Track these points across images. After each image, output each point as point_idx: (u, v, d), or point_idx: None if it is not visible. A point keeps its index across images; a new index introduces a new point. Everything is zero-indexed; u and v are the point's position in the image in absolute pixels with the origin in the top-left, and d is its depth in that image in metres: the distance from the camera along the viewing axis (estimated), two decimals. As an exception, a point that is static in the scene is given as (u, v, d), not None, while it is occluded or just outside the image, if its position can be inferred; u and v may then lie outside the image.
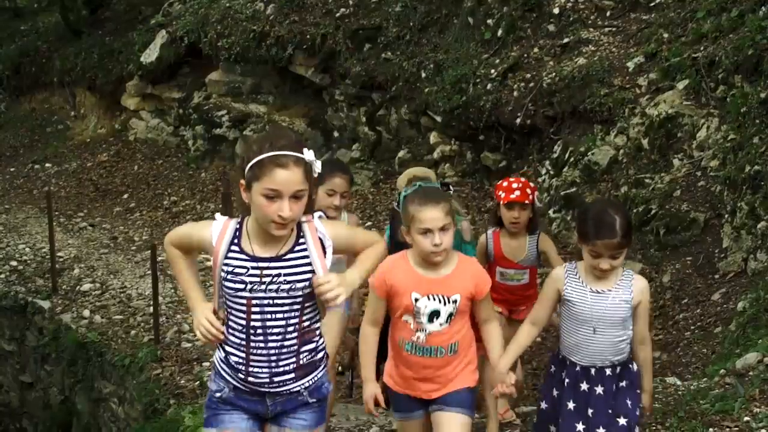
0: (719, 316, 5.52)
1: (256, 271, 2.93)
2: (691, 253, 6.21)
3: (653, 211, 6.51)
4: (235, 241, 2.99)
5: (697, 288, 5.93)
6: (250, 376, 2.97)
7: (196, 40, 11.65)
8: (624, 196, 6.80)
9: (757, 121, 6.19)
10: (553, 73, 8.02)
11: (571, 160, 7.45)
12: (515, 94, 8.23)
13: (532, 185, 4.83)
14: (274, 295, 2.94)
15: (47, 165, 12.58)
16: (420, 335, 3.50)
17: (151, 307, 7.51)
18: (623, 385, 3.50)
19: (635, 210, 6.58)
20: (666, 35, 7.65)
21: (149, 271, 7.83)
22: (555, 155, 7.73)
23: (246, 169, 2.89)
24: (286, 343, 2.97)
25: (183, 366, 6.97)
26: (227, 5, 11.64)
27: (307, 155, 2.89)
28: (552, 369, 3.65)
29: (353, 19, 10.41)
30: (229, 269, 2.97)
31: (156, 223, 10.45)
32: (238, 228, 3.01)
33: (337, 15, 10.55)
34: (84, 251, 9.68)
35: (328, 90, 10.65)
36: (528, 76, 8.28)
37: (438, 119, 8.93)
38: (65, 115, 13.82)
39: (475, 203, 8.40)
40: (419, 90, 9.20)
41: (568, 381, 3.55)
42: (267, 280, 2.94)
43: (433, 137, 9.12)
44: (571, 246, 7.14)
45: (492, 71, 8.55)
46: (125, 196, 11.29)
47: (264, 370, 2.96)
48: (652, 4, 8.28)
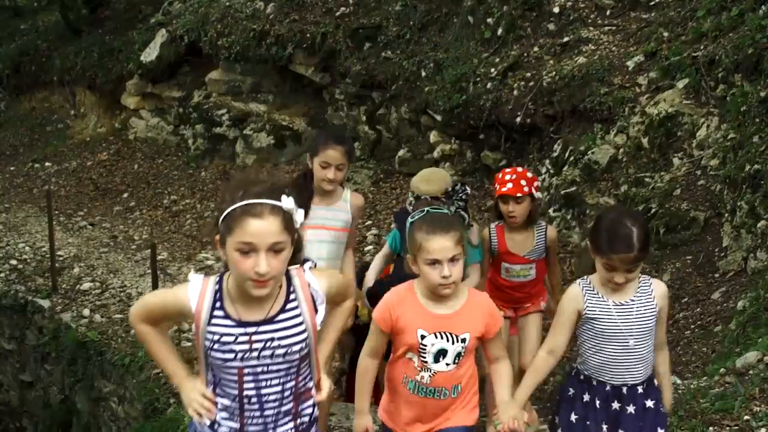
0: (719, 314, 5.52)
1: (244, 338, 2.64)
2: (691, 252, 6.21)
3: (653, 210, 6.51)
4: (218, 305, 2.66)
5: (697, 287, 5.93)
6: None
7: (196, 39, 11.65)
8: (624, 195, 6.80)
9: (757, 120, 6.19)
10: (553, 72, 8.02)
11: (571, 159, 7.45)
12: (515, 93, 8.23)
13: (529, 175, 4.61)
14: (268, 362, 2.67)
15: (47, 164, 12.57)
16: (424, 375, 3.26)
17: (151, 306, 7.50)
18: (650, 405, 3.33)
19: (635, 209, 6.58)
20: (666, 34, 7.64)
21: (149, 270, 7.83)
22: (555, 154, 7.73)
23: (220, 222, 2.60)
24: (283, 408, 2.74)
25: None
26: (227, 4, 11.64)
27: (285, 203, 2.58)
28: (570, 392, 3.40)
29: (353, 18, 10.41)
30: (215, 338, 2.65)
31: (156, 222, 10.45)
32: (218, 288, 2.68)
33: (337, 14, 10.55)
34: (84, 250, 9.68)
35: (328, 89, 10.65)
36: (528, 75, 8.28)
37: (438, 118, 8.93)
38: (65, 114, 13.81)
39: (476, 202, 8.40)
40: (419, 89, 9.20)
41: (599, 402, 3.32)
42: (259, 346, 2.66)
43: (433, 136, 9.12)
44: (571, 245, 7.14)
45: (492, 70, 8.55)
46: (125, 195, 11.29)
47: None
48: (652, 3, 8.28)
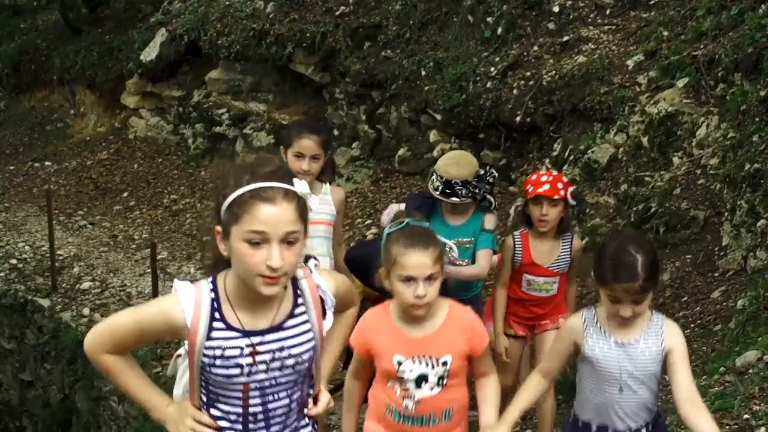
0: (719, 314, 5.52)
1: (250, 349, 2.29)
2: (691, 251, 6.21)
3: (653, 209, 6.51)
4: (217, 315, 2.28)
5: (697, 286, 5.93)
6: None
7: (195, 38, 11.65)
8: (624, 194, 6.80)
9: (757, 119, 6.19)
10: (553, 71, 8.02)
11: (571, 158, 7.45)
12: (515, 92, 8.23)
13: (565, 180, 4.36)
14: (277, 374, 2.34)
15: (47, 163, 12.57)
16: (408, 403, 3.00)
17: (151, 306, 7.51)
18: None
19: (635, 208, 6.58)
20: (666, 33, 7.64)
21: (149, 270, 7.84)
22: (555, 153, 7.73)
23: (221, 211, 2.23)
24: (289, 422, 2.45)
25: (183, 364, 6.97)
26: (227, 3, 11.63)
27: (299, 186, 2.26)
28: None
29: (353, 18, 10.41)
30: (217, 353, 2.28)
31: (156, 222, 10.45)
32: (213, 294, 2.30)
33: (337, 13, 10.55)
34: (84, 249, 9.68)
35: (327, 88, 10.65)
36: (528, 74, 8.28)
37: (438, 117, 8.93)
38: (65, 114, 13.81)
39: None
40: (419, 88, 9.20)
41: None
42: (267, 358, 2.32)
43: (433, 135, 9.12)
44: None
45: (492, 69, 8.55)
46: (125, 194, 11.29)
47: None
48: (651, 2, 8.28)
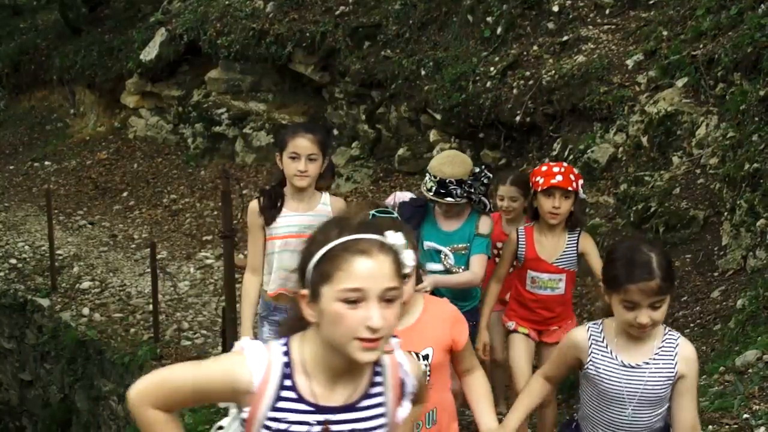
0: (718, 313, 5.52)
1: (321, 427, 2.01)
2: (691, 251, 6.21)
3: (652, 209, 6.51)
4: (287, 383, 2.00)
5: (697, 285, 5.93)
6: None
7: (195, 37, 11.65)
8: (623, 193, 6.80)
9: (756, 119, 6.19)
10: (553, 71, 8.02)
11: (571, 157, 7.44)
12: (515, 91, 8.23)
13: (576, 172, 4.17)
14: None
15: (46, 163, 12.57)
16: None
17: (151, 305, 7.52)
18: None
19: (635, 208, 6.58)
20: (665, 33, 7.64)
21: (148, 269, 7.83)
22: (554, 153, 7.73)
23: (308, 270, 1.98)
24: None
25: (183, 364, 6.97)
26: (226, 3, 11.64)
27: (393, 238, 2.01)
28: None
29: (353, 17, 10.41)
30: (281, 426, 2.00)
31: (155, 221, 10.45)
32: (286, 358, 2.02)
33: (337, 13, 10.55)
34: (83, 249, 9.68)
35: (327, 88, 10.65)
36: (527, 73, 8.28)
37: (438, 117, 8.93)
38: (64, 113, 13.81)
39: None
40: (419, 88, 9.20)
41: None
42: None
43: (433, 135, 9.12)
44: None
45: (491, 69, 8.55)
46: (125, 194, 11.29)
47: None
48: (651, 1, 8.28)
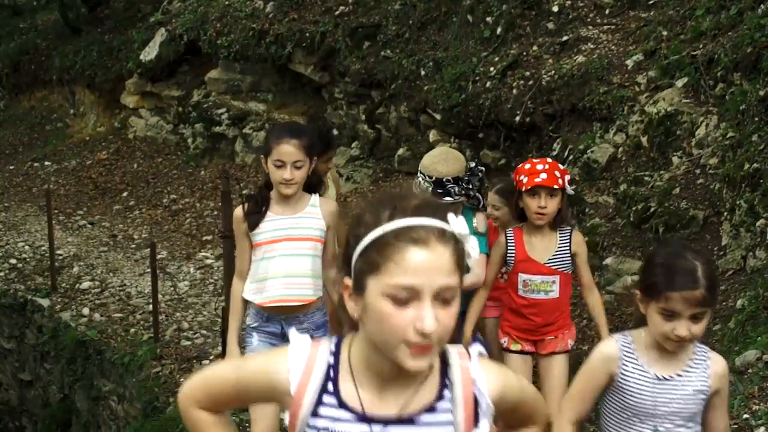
0: (718, 313, 5.52)
1: None
2: (690, 251, 6.21)
3: (652, 209, 6.51)
4: (330, 387, 1.77)
5: (696, 285, 5.92)
6: None
7: (195, 38, 11.65)
8: (623, 193, 6.80)
9: (756, 119, 6.19)
10: (552, 71, 8.02)
11: (570, 158, 7.45)
12: (514, 92, 8.23)
13: (561, 167, 3.98)
14: None
15: (46, 163, 12.57)
16: None
17: (151, 305, 7.51)
18: None
19: (634, 208, 6.58)
20: (665, 33, 7.64)
21: (148, 269, 7.83)
22: (554, 153, 7.73)
23: (354, 257, 1.71)
24: None
25: (182, 364, 6.97)
26: (226, 3, 11.64)
27: (456, 225, 1.71)
28: None
29: (352, 17, 10.41)
30: None
31: (155, 221, 10.45)
32: (333, 359, 1.79)
33: (337, 13, 10.55)
34: (83, 249, 9.68)
35: (327, 88, 10.65)
36: (527, 74, 8.28)
37: (437, 117, 8.93)
38: (64, 113, 13.81)
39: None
40: (418, 88, 9.20)
41: None
42: None
43: (433, 135, 9.12)
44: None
45: (491, 69, 8.55)
46: (124, 194, 11.29)
47: None
48: (651, 1, 8.28)
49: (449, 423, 1.76)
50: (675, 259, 2.50)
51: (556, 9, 8.68)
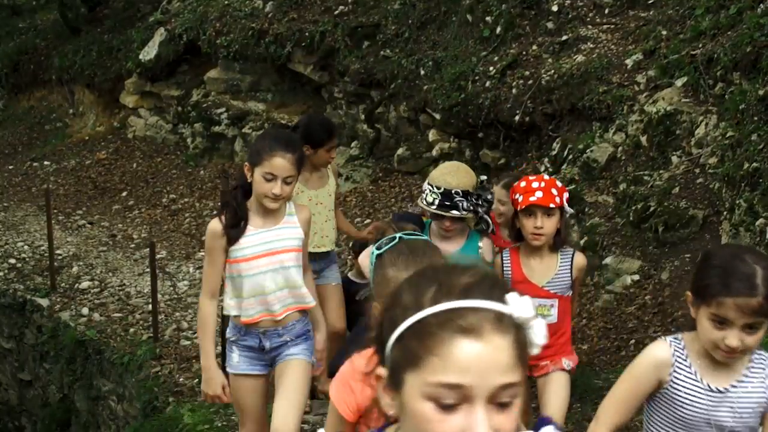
0: (718, 313, 5.53)
1: None
2: (690, 250, 6.21)
3: (652, 209, 6.51)
4: None
5: (696, 285, 5.92)
6: None
7: (194, 37, 11.64)
8: (623, 193, 6.80)
9: (756, 119, 6.19)
10: (552, 71, 8.02)
11: (570, 157, 7.45)
12: (514, 91, 8.23)
13: (559, 185, 3.76)
14: None
15: (46, 163, 12.56)
16: None
17: (150, 305, 7.51)
18: None
19: (634, 207, 6.59)
20: (664, 32, 7.64)
21: (148, 269, 7.83)
22: (554, 152, 7.73)
23: (389, 344, 1.41)
24: None
25: (182, 364, 6.97)
26: (226, 3, 11.63)
27: (517, 306, 1.38)
28: None
29: (352, 17, 10.40)
30: None
31: (155, 221, 10.44)
32: None
33: (336, 12, 10.54)
34: (83, 249, 9.67)
35: (326, 87, 10.65)
36: (527, 73, 8.28)
37: (437, 117, 8.93)
38: (64, 113, 13.80)
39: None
40: (418, 87, 9.20)
41: None
42: None
43: (432, 135, 9.12)
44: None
45: (491, 69, 8.55)
46: (124, 193, 11.28)
47: None
48: (650, 1, 8.28)
49: None
50: (733, 261, 2.27)
51: (555, 8, 8.68)
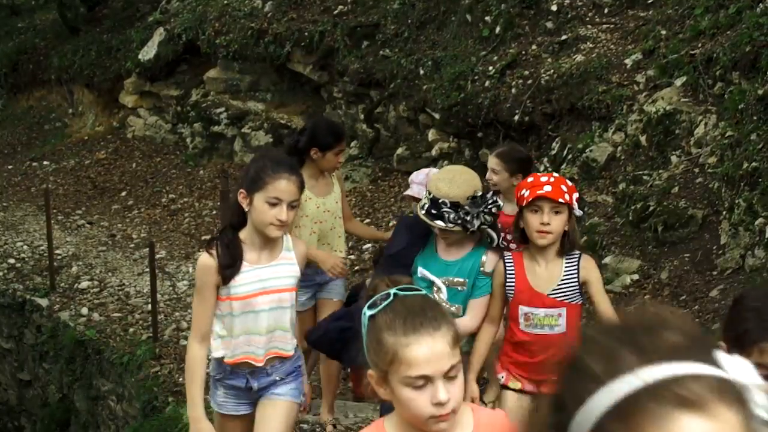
0: (717, 312, 5.52)
1: None
2: (689, 250, 6.21)
3: (651, 208, 6.51)
4: None
5: (695, 284, 5.93)
6: None
7: (194, 37, 11.64)
8: (622, 192, 6.80)
9: (755, 118, 6.19)
10: (551, 70, 8.02)
11: (569, 157, 7.45)
12: (513, 91, 8.23)
13: (569, 183, 3.45)
14: None
15: (45, 162, 12.56)
16: None
17: (150, 305, 7.51)
18: None
19: (633, 207, 6.59)
20: (664, 32, 7.65)
21: (147, 269, 7.84)
22: (553, 152, 7.74)
23: (582, 425, 0.98)
24: None
25: (181, 364, 6.95)
26: (225, 3, 11.63)
27: (732, 368, 1.00)
28: None
29: (351, 17, 10.40)
30: None
31: (154, 221, 10.44)
32: None
33: (335, 12, 10.54)
34: (82, 249, 9.67)
35: (326, 87, 10.65)
36: (526, 73, 8.28)
37: (436, 116, 8.93)
38: (63, 113, 13.80)
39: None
40: (417, 87, 9.20)
41: None
42: None
43: (432, 134, 9.12)
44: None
45: (490, 68, 8.55)
46: (123, 193, 11.28)
47: None
48: (649, 1, 8.28)
49: None
50: None
51: (555, 8, 8.68)
